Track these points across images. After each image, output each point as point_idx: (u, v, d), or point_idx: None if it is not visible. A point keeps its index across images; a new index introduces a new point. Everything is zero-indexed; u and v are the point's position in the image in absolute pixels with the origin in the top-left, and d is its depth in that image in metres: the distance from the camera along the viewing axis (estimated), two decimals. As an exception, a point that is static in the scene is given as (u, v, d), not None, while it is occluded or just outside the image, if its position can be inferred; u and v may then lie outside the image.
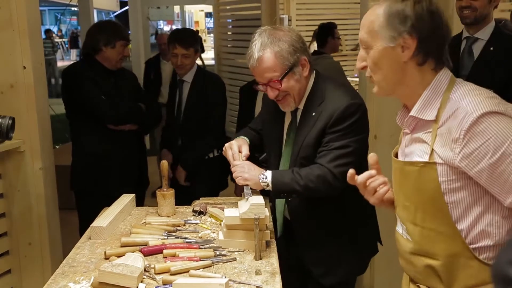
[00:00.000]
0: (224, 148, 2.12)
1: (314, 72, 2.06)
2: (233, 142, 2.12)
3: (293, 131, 2.08)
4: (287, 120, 2.12)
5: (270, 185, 1.95)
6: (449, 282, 1.44)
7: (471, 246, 1.40)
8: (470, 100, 1.34)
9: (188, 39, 3.23)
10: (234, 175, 2.01)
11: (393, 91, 1.48)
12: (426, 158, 1.41)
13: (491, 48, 2.71)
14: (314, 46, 7.90)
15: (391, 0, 1.43)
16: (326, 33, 4.93)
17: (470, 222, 1.39)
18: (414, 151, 1.48)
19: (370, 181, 1.54)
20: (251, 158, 2.12)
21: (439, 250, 1.44)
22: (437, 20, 1.40)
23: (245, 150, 2.10)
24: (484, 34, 2.75)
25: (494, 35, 2.73)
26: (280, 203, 2.17)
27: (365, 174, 1.54)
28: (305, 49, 1.98)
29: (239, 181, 1.99)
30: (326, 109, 1.95)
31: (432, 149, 1.39)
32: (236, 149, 2.08)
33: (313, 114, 1.98)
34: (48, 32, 15.35)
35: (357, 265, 2.21)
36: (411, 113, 1.45)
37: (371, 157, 1.56)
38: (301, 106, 2.04)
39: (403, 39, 1.38)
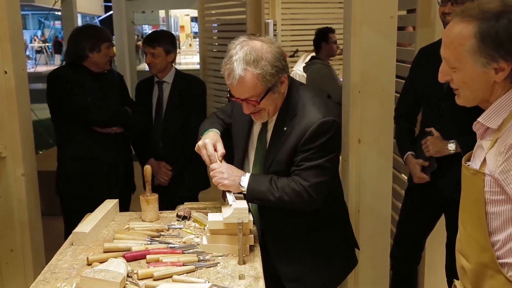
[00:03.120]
0: (197, 146, 2.04)
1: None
2: (207, 141, 2.02)
3: (262, 140, 2.03)
4: (257, 126, 2.07)
5: (245, 190, 1.92)
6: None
7: (499, 261, 1.39)
8: None
9: (156, 39, 3.28)
10: (213, 180, 1.96)
11: (479, 103, 1.45)
12: (479, 166, 1.41)
13: None
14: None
15: (480, 18, 1.33)
16: (320, 39, 4.95)
17: (505, 236, 1.38)
18: (476, 157, 1.47)
19: None
20: (227, 156, 2.06)
21: (472, 256, 1.46)
22: None
23: (220, 148, 2.02)
24: None
25: None
26: (255, 214, 2.11)
27: None
28: (286, 65, 1.91)
29: (220, 187, 1.95)
30: (298, 125, 1.90)
31: (485, 158, 1.39)
32: (212, 150, 2.00)
33: (285, 128, 1.93)
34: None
35: (332, 279, 2.19)
36: (479, 119, 1.43)
37: None
38: (274, 117, 1.99)
39: (497, 63, 1.33)
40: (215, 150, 2.02)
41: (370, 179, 2.68)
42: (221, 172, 1.95)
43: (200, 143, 2.04)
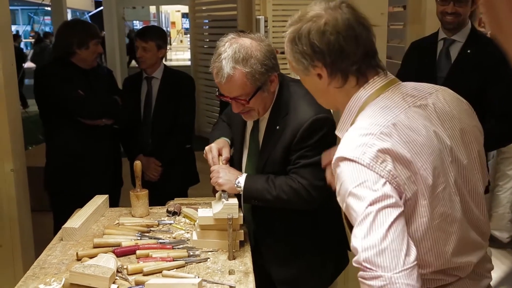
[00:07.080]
0: (204, 152, 2.05)
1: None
2: (213, 145, 2.03)
3: (255, 139, 2.02)
4: (249, 125, 2.05)
5: (242, 190, 1.90)
6: None
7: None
8: (348, 134, 1.25)
9: (148, 33, 3.27)
10: (211, 181, 1.95)
11: (336, 109, 1.44)
12: None
13: (468, 51, 2.69)
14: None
15: (291, 25, 1.35)
16: None
17: None
18: None
19: None
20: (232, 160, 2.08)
21: None
22: (337, 38, 1.27)
23: (225, 153, 2.02)
24: (461, 36, 2.72)
25: (470, 37, 2.71)
26: (247, 215, 2.09)
27: None
28: (276, 64, 1.86)
29: (216, 187, 1.94)
30: (291, 124, 1.86)
31: None
32: (216, 153, 2.00)
33: (278, 127, 1.89)
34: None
35: (324, 280, 2.16)
36: (335, 131, 1.42)
37: None
38: (266, 116, 1.95)
39: (314, 69, 1.32)
40: (220, 154, 2.02)
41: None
42: (217, 171, 1.94)
43: (206, 148, 2.05)
